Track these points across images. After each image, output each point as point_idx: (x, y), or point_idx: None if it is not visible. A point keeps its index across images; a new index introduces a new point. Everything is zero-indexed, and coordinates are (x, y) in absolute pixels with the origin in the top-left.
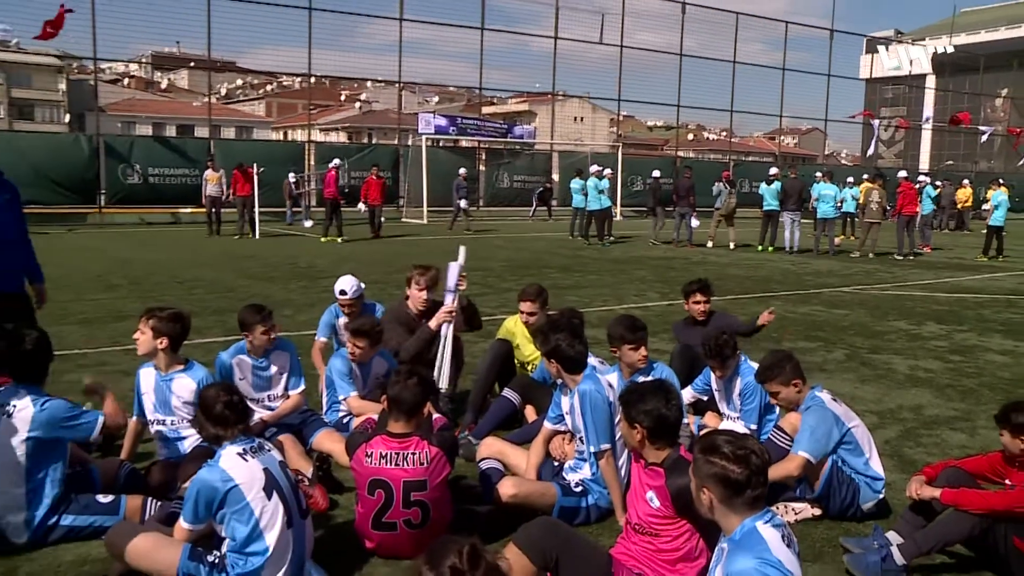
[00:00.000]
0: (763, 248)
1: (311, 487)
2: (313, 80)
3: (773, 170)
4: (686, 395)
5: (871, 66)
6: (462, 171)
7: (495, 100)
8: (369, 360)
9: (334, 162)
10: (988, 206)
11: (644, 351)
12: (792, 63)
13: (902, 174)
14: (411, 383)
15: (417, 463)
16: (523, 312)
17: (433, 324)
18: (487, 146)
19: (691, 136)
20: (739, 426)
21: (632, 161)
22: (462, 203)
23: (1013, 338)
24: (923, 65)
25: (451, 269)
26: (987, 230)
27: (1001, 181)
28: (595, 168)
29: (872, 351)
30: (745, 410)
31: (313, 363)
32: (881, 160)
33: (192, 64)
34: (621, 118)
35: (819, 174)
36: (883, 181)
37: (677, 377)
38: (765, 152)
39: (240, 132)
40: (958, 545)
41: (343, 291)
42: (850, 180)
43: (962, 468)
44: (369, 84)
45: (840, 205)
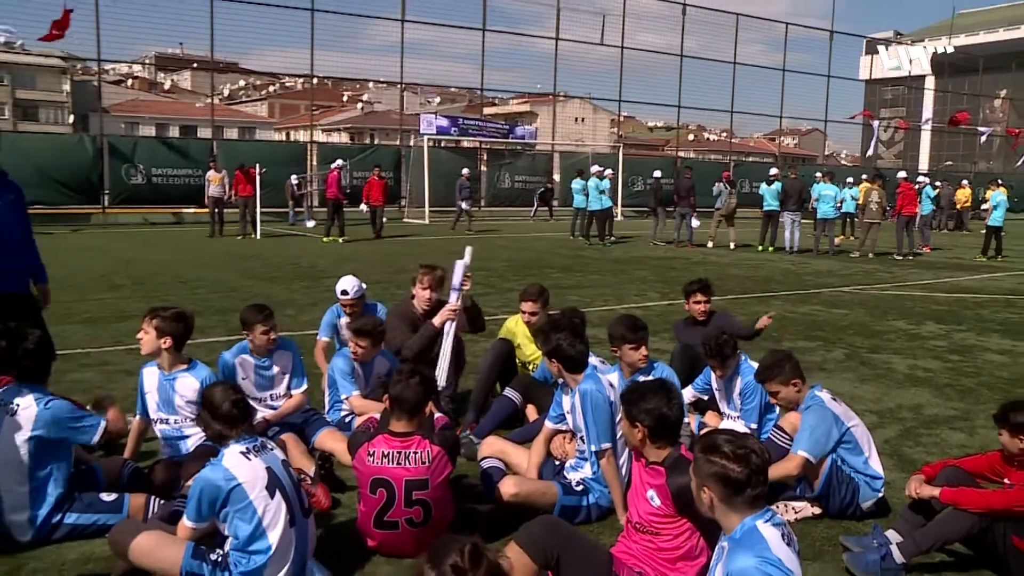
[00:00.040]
0: (763, 248)
1: (313, 486)
2: (315, 81)
3: (773, 171)
4: (687, 394)
5: (871, 67)
6: (465, 171)
7: (496, 101)
8: (371, 359)
9: (337, 163)
10: (987, 206)
11: (645, 351)
12: (792, 64)
13: (901, 175)
14: (413, 382)
15: (419, 462)
16: (525, 312)
17: (436, 321)
18: (489, 147)
19: (691, 137)
20: (739, 425)
21: (633, 161)
22: (463, 204)
23: (1011, 338)
24: (923, 65)
25: (457, 268)
26: (986, 230)
27: (1000, 181)
28: (596, 168)
29: (871, 351)
30: (745, 409)
31: (316, 362)
32: (880, 161)
33: (195, 65)
34: (622, 119)
35: (819, 174)
36: (882, 182)
37: (677, 376)
38: (765, 153)
39: (243, 133)
40: (957, 544)
41: (344, 291)
42: (849, 180)
43: (961, 467)
44: (371, 85)
45: (840, 205)
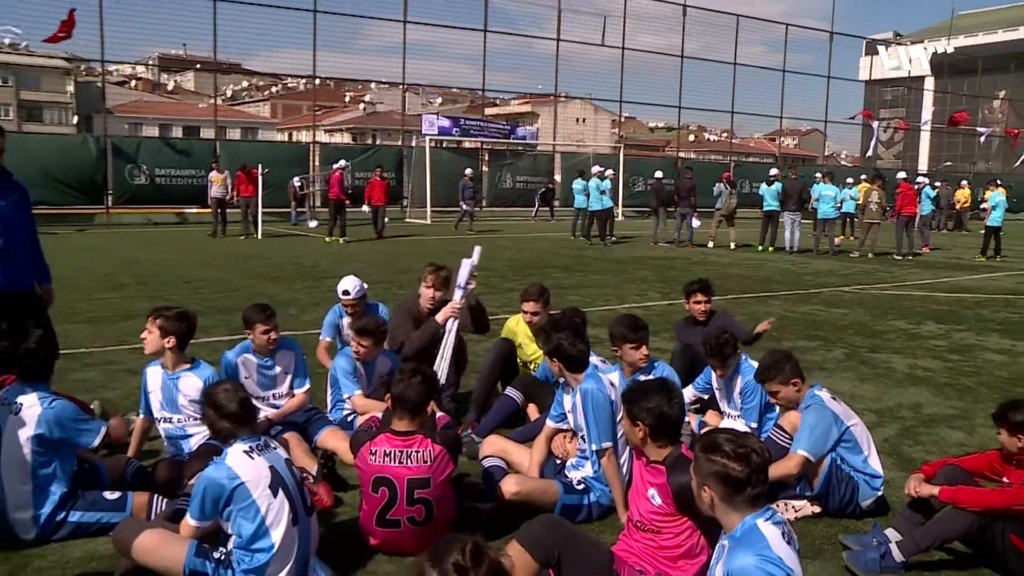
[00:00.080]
0: (763, 248)
1: (316, 485)
2: (318, 82)
3: (773, 171)
4: (687, 394)
5: (870, 68)
6: (468, 172)
7: (498, 101)
8: (373, 359)
9: (340, 163)
10: (986, 205)
11: (645, 350)
12: (792, 65)
13: (901, 175)
14: (415, 382)
15: (421, 461)
16: (526, 312)
17: (439, 318)
18: (490, 147)
19: (692, 137)
20: (740, 424)
21: (633, 162)
22: (464, 205)
23: (1011, 337)
24: (923, 65)
25: (464, 266)
26: (985, 230)
27: (999, 182)
28: (597, 169)
29: (871, 350)
30: (746, 408)
31: (319, 362)
32: (880, 161)
33: (198, 66)
34: (623, 119)
35: (819, 175)
36: (882, 182)
37: (678, 376)
38: (765, 153)
39: (245, 133)
40: (956, 542)
41: (346, 291)
42: (849, 181)
43: (960, 466)
44: (373, 86)
45: (840, 206)
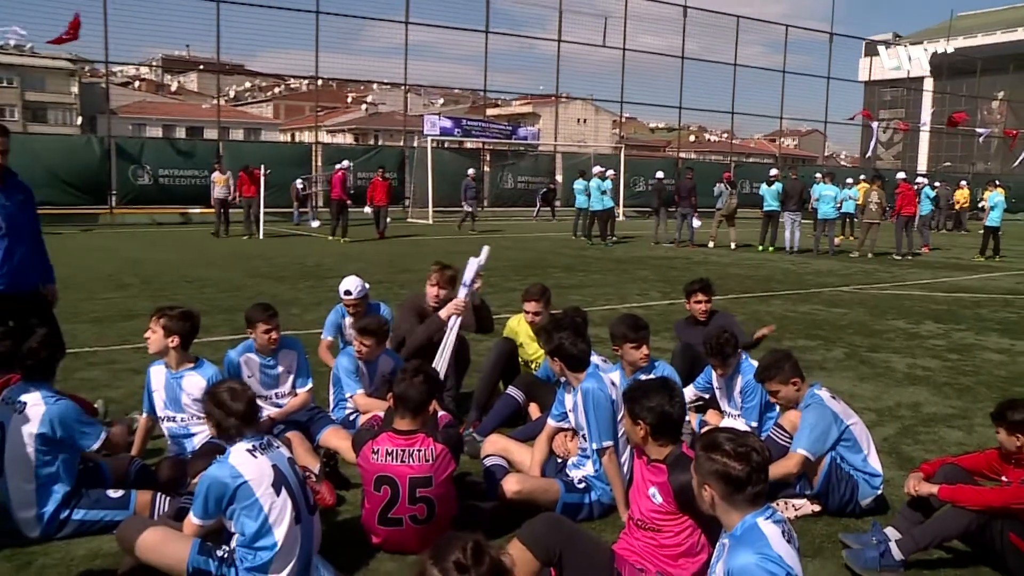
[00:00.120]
0: (764, 248)
1: (318, 483)
2: (320, 82)
3: (773, 171)
4: (688, 393)
5: (870, 69)
6: (471, 172)
7: (499, 102)
8: (375, 358)
9: (343, 163)
10: (984, 204)
11: (646, 350)
12: (792, 66)
13: (900, 175)
14: (417, 381)
15: (422, 460)
16: (528, 312)
17: (443, 314)
18: (492, 147)
19: (692, 138)
20: (740, 424)
21: (634, 162)
22: (466, 206)
23: (1009, 337)
24: (923, 65)
25: (470, 265)
26: (984, 230)
27: (997, 182)
28: (598, 169)
29: (871, 349)
30: (746, 408)
31: (321, 361)
32: (880, 161)
33: (201, 67)
34: (624, 120)
35: (819, 175)
36: (881, 182)
37: (678, 375)
38: (766, 153)
39: (248, 134)
40: (955, 540)
41: (348, 291)
42: (849, 181)
43: (959, 465)
44: (375, 86)
45: (840, 206)
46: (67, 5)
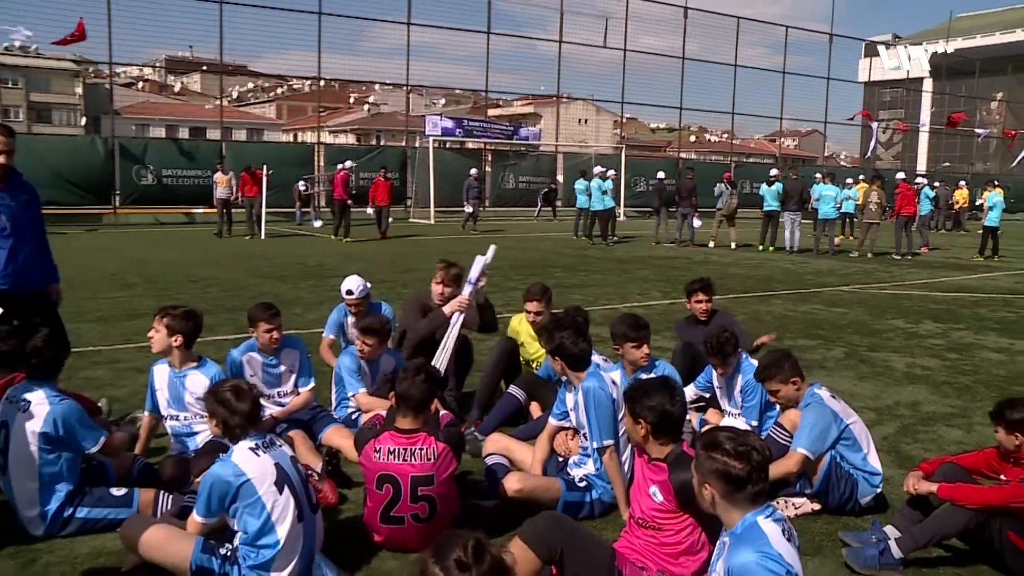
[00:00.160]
0: (764, 248)
1: (321, 482)
2: (322, 83)
3: (773, 171)
4: (689, 392)
5: (869, 69)
6: (473, 172)
7: (501, 102)
8: (377, 357)
9: (346, 163)
10: (982, 202)
11: (646, 349)
12: (792, 67)
13: (900, 175)
14: (419, 380)
15: (424, 458)
16: (530, 312)
17: (446, 310)
18: (493, 148)
19: (693, 138)
20: (740, 423)
21: (635, 162)
22: (468, 206)
23: (1008, 336)
24: (923, 65)
25: (476, 263)
26: (983, 230)
27: (996, 183)
28: (599, 169)
29: (870, 349)
30: (746, 407)
31: (323, 360)
32: (879, 162)
33: (204, 68)
34: (624, 120)
35: (819, 175)
36: (881, 182)
37: (679, 374)
38: (766, 154)
39: (251, 134)
40: (954, 539)
41: (349, 291)
42: (849, 181)
43: (958, 464)
44: (377, 87)
45: (840, 206)
46: (71, 6)
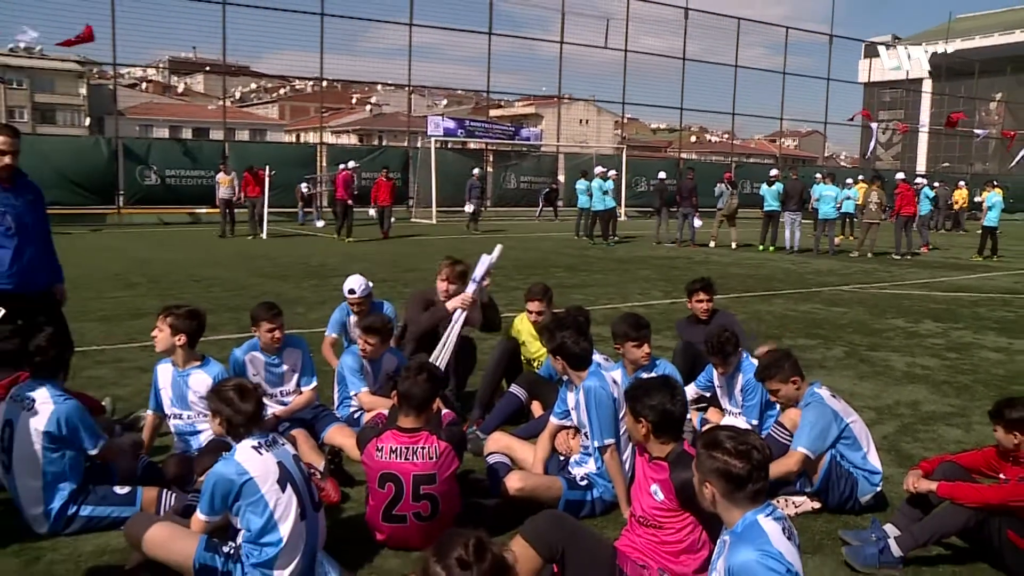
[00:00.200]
0: (764, 248)
1: (323, 480)
2: (325, 84)
3: (774, 172)
4: (689, 391)
5: (869, 70)
6: (476, 171)
7: (502, 103)
8: (380, 357)
9: (349, 164)
10: (981, 199)
11: (647, 348)
12: (792, 67)
13: (900, 176)
14: (421, 379)
15: (426, 457)
16: (531, 312)
17: (449, 306)
18: (495, 148)
19: (694, 138)
20: (741, 422)
21: (636, 163)
22: (468, 207)
23: (1007, 335)
24: (923, 65)
25: (482, 261)
26: (982, 230)
27: (995, 183)
28: (600, 169)
29: (870, 348)
30: (747, 406)
31: (324, 359)
32: (879, 162)
33: (208, 69)
34: (625, 121)
35: (819, 175)
36: (881, 182)
37: (679, 373)
38: (766, 154)
39: (254, 135)
40: (954, 537)
41: (352, 290)
42: (849, 181)
43: (957, 462)
44: (379, 87)
45: (840, 206)
46: (75, 8)
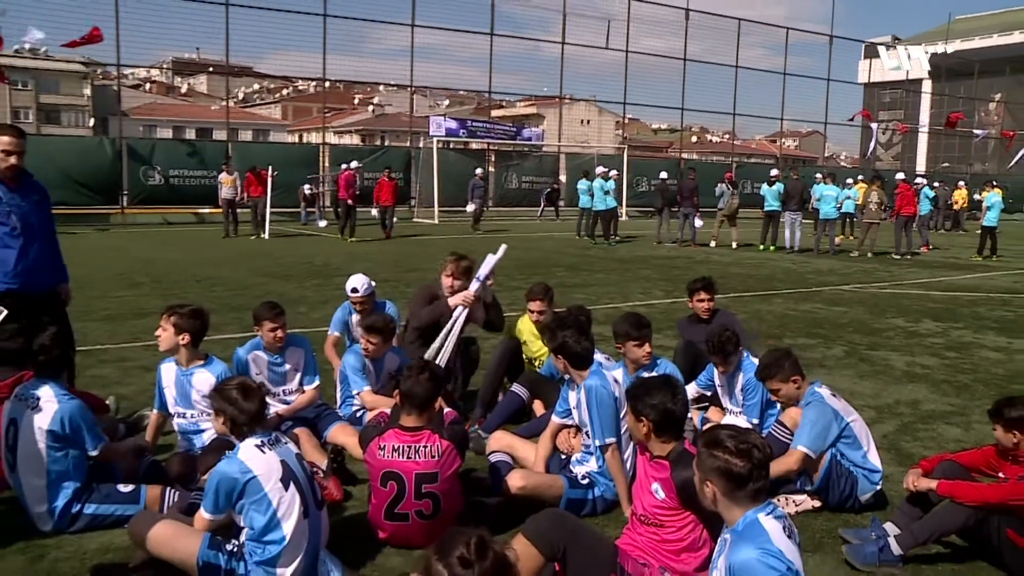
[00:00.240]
0: (765, 247)
1: (326, 479)
2: (327, 84)
3: (774, 172)
4: (690, 390)
5: (869, 71)
6: (478, 171)
7: (504, 103)
8: (382, 356)
9: (352, 164)
10: (981, 198)
11: (648, 347)
12: (792, 68)
13: (900, 176)
14: (423, 378)
15: (428, 456)
16: (533, 311)
17: (451, 302)
18: (496, 148)
19: (695, 138)
20: (741, 421)
21: (637, 163)
22: (469, 207)
23: (1006, 335)
24: (923, 65)
25: (488, 261)
26: (981, 230)
27: (995, 183)
28: (601, 169)
29: (870, 348)
30: (747, 405)
31: (327, 358)
32: (879, 162)
33: (211, 69)
34: (627, 121)
35: (819, 175)
36: (881, 183)
37: (680, 373)
38: (766, 154)
39: (257, 135)
40: (953, 536)
41: (354, 289)
42: (849, 181)
43: (957, 461)
44: (382, 88)
45: (840, 206)
46: (79, 9)
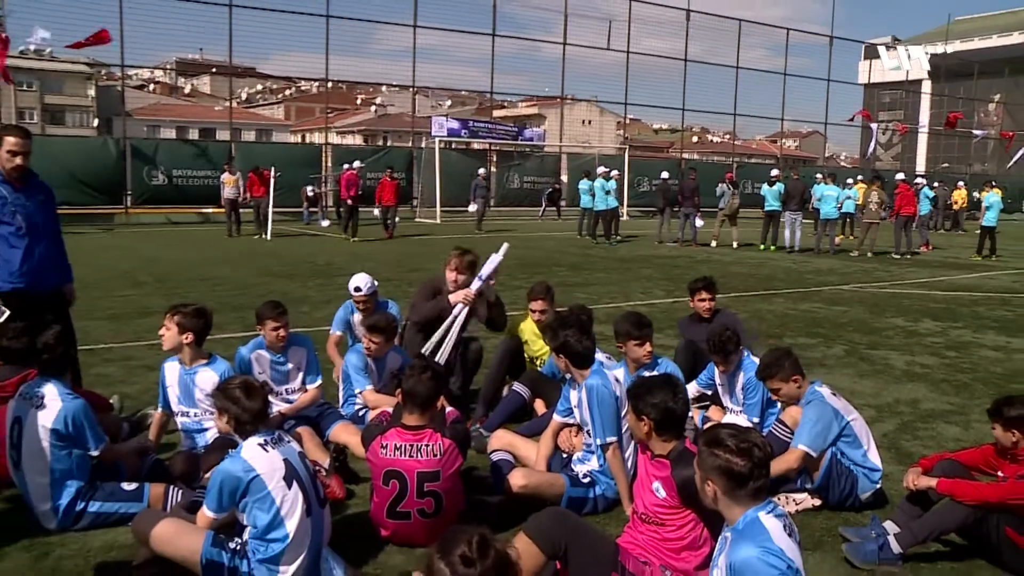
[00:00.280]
0: (765, 247)
1: (328, 477)
2: (330, 85)
3: (774, 172)
4: (691, 389)
5: (869, 71)
6: (481, 171)
7: (506, 104)
8: (384, 355)
9: (355, 164)
10: (980, 197)
11: (649, 347)
12: (793, 68)
13: (900, 176)
14: (425, 377)
15: (430, 455)
16: (534, 311)
17: (453, 299)
18: (498, 148)
19: (695, 139)
20: (742, 420)
21: (638, 163)
22: (471, 207)
23: (1006, 334)
24: (923, 65)
25: (491, 260)
26: (980, 230)
27: (994, 183)
28: (602, 169)
29: (870, 347)
30: (748, 404)
31: (329, 357)
32: (879, 162)
33: (214, 70)
34: (628, 121)
35: (820, 175)
36: (881, 183)
37: (681, 372)
38: (767, 154)
39: (260, 135)
40: (953, 534)
41: (358, 288)
42: (849, 181)
43: (956, 460)
44: (384, 88)
45: (840, 206)
46: (84, 10)
